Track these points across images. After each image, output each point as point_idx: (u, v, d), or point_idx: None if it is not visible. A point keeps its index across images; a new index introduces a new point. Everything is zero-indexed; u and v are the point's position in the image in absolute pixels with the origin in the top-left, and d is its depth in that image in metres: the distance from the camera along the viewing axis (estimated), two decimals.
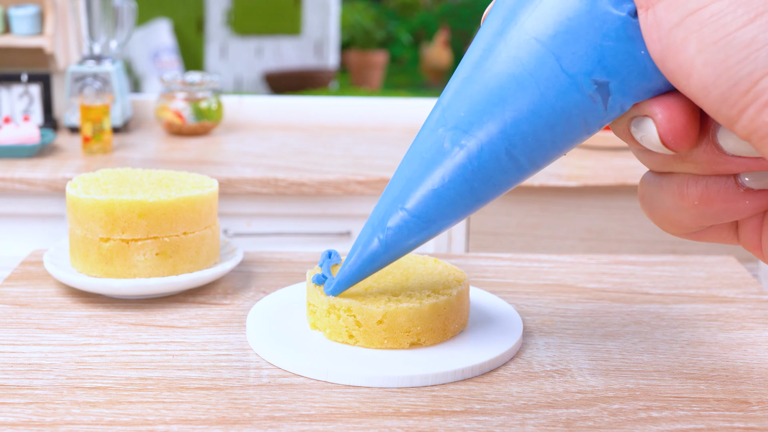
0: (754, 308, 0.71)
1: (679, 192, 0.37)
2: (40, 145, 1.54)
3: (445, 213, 0.44)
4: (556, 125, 0.38)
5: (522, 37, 0.37)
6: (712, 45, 0.31)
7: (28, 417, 0.52)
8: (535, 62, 0.37)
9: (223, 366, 0.59)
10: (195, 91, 1.76)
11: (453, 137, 0.41)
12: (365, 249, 0.51)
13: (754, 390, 0.57)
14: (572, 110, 0.37)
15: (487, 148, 0.40)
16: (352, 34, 5.37)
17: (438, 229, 0.46)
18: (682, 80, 0.33)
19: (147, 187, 0.71)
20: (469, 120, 0.40)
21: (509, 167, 0.40)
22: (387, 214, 0.47)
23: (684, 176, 0.37)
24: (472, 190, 0.42)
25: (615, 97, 0.36)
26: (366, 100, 1.93)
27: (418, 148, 0.44)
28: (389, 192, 0.47)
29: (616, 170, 1.52)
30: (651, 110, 0.35)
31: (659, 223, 0.39)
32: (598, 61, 0.35)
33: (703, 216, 0.37)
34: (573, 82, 0.36)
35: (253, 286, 0.74)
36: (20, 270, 0.76)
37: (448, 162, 0.42)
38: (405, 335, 0.59)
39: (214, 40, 4.79)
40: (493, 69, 0.38)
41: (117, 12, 1.81)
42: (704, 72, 0.32)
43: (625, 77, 0.35)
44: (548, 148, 0.39)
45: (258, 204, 1.49)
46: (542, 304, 0.71)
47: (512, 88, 0.38)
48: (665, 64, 0.33)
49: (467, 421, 0.52)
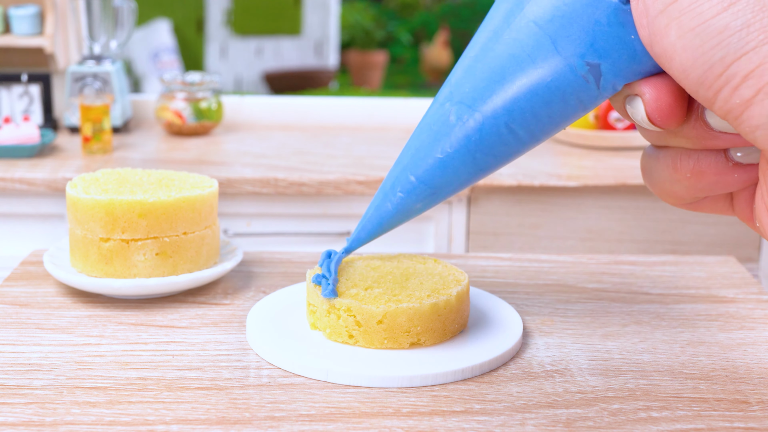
0: (754, 308, 0.71)
1: (673, 165, 0.40)
2: (40, 145, 1.54)
3: (450, 181, 0.48)
4: (551, 102, 0.41)
5: (523, 20, 0.41)
6: (689, 31, 0.34)
7: (28, 417, 0.52)
8: (533, 44, 0.40)
9: (223, 366, 0.59)
10: (195, 91, 1.76)
11: (458, 111, 0.44)
12: (377, 212, 0.54)
13: (754, 390, 0.57)
14: (566, 89, 0.40)
15: (489, 122, 0.43)
16: (352, 34, 5.37)
17: (444, 195, 0.49)
18: (666, 63, 0.36)
19: (147, 187, 0.71)
20: (473, 96, 0.43)
21: (509, 139, 0.44)
22: (397, 181, 0.51)
23: (678, 150, 0.40)
24: (474, 160, 0.45)
25: (606, 77, 0.39)
26: (366, 100, 1.93)
27: (427, 121, 0.47)
28: (400, 161, 0.50)
29: (616, 170, 1.52)
30: (640, 90, 0.38)
31: (657, 193, 0.42)
32: (590, 44, 0.39)
33: (695, 188, 0.40)
34: (567, 63, 0.40)
35: (253, 286, 0.74)
36: (20, 270, 0.76)
37: (453, 133, 0.45)
38: (405, 335, 0.59)
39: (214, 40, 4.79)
40: (496, 49, 0.42)
41: (117, 12, 1.81)
42: (684, 56, 0.35)
43: (616, 59, 0.39)
44: (545, 123, 0.42)
45: (258, 204, 1.49)
46: (542, 304, 0.71)
47: (512, 67, 0.41)
48: (653, 47, 0.36)
49: (467, 421, 0.52)
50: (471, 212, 1.50)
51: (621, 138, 1.66)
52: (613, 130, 1.69)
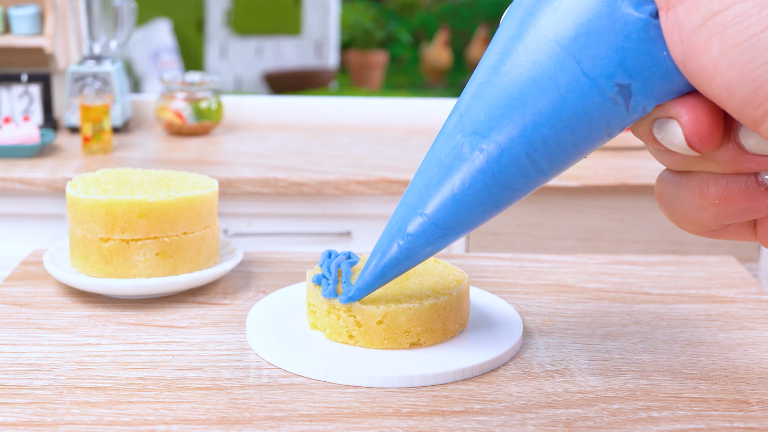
0: (754, 308, 0.71)
1: (699, 191, 0.37)
2: (40, 145, 1.54)
3: (464, 219, 0.44)
4: (577, 128, 0.38)
5: (541, 40, 0.37)
6: (735, 47, 0.31)
7: (28, 417, 0.52)
8: (555, 65, 0.37)
9: (223, 366, 0.59)
10: (195, 91, 1.76)
11: (472, 142, 0.41)
12: (384, 255, 0.51)
13: (754, 390, 0.57)
14: (593, 113, 0.37)
15: (508, 153, 0.40)
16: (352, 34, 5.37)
17: (457, 235, 0.46)
18: (705, 82, 0.33)
19: (147, 187, 0.71)
20: (488, 125, 0.40)
21: (530, 170, 0.40)
22: (406, 220, 0.47)
23: (704, 175, 0.37)
24: (491, 196, 0.42)
25: (637, 98, 0.36)
26: (366, 100, 1.93)
27: (436, 155, 0.43)
28: (407, 199, 0.47)
29: (616, 170, 1.52)
30: (676, 112, 0.35)
31: (678, 222, 0.39)
32: (619, 63, 0.35)
33: (723, 215, 0.37)
34: (594, 85, 0.36)
35: (253, 286, 0.74)
36: (20, 270, 0.76)
37: (467, 167, 0.42)
38: (405, 335, 0.59)
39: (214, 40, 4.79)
40: (511, 73, 0.38)
41: (117, 12, 1.80)
42: (728, 74, 0.32)
43: (647, 79, 0.35)
44: (569, 151, 0.39)
45: (258, 204, 1.49)
46: (542, 304, 0.71)
47: (532, 91, 0.38)
48: (687, 65, 0.33)
49: (467, 421, 0.52)
50: None
51: (621, 138, 1.66)
52: None
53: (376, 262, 0.52)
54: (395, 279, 0.63)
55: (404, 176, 1.44)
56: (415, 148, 1.68)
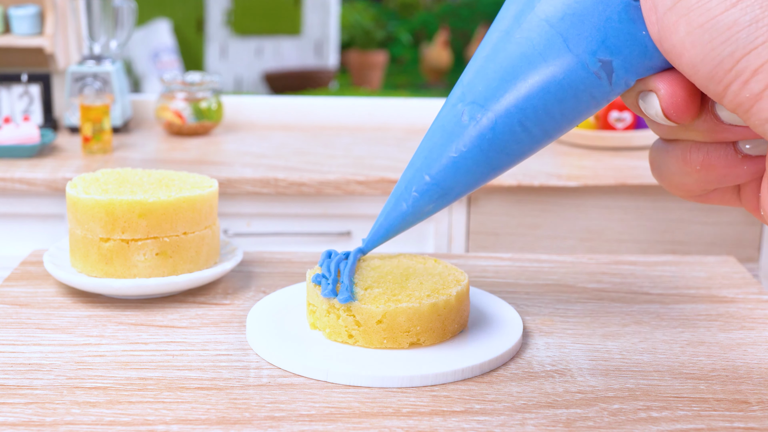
0: (754, 308, 0.71)
1: (683, 158, 0.41)
2: (40, 145, 1.54)
3: (463, 180, 0.49)
4: (564, 99, 0.42)
5: (534, 19, 0.41)
6: (698, 27, 0.35)
7: (28, 417, 0.52)
8: (545, 43, 0.41)
9: (223, 366, 0.59)
10: (195, 91, 1.75)
11: (471, 111, 0.45)
12: (392, 213, 0.55)
13: (754, 390, 0.57)
14: (579, 86, 0.41)
15: (502, 121, 0.44)
16: (352, 34, 5.36)
17: (457, 195, 0.50)
18: (676, 59, 0.36)
19: (147, 187, 0.71)
20: (486, 95, 0.44)
21: (523, 137, 0.44)
22: (411, 181, 0.51)
23: (688, 143, 0.41)
24: (488, 159, 0.46)
25: (618, 73, 0.40)
26: (366, 100, 1.93)
27: (440, 122, 0.48)
28: (413, 164, 0.51)
29: (616, 170, 1.52)
30: (655, 85, 0.39)
31: (667, 186, 0.43)
32: (602, 41, 0.39)
33: (705, 180, 0.41)
34: (579, 61, 0.40)
35: (253, 286, 0.74)
36: (20, 270, 0.76)
37: (466, 133, 0.46)
38: (404, 335, 0.60)
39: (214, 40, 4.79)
40: (508, 49, 0.43)
41: (117, 12, 1.80)
42: (693, 52, 0.35)
43: (627, 56, 0.39)
44: (559, 120, 0.43)
45: (258, 204, 1.49)
46: (542, 304, 0.71)
47: (524, 66, 0.42)
48: (662, 44, 0.37)
49: (467, 421, 0.52)
50: (471, 212, 1.50)
51: (621, 138, 1.66)
52: (613, 130, 1.69)
53: (383, 218, 0.56)
54: (395, 278, 0.63)
55: None
56: (415, 148, 1.68)
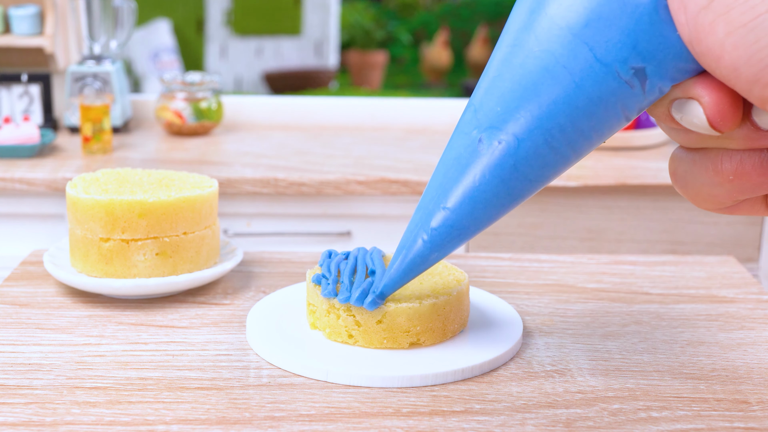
0: (754, 308, 0.71)
1: (714, 167, 0.38)
2: (40, 145, 1.54)
3: (483, 213, 0.44)
4: (594, 113, 0.38)
5: (552, 28, 0.37)
6: (741, 27, 0.32)
7: (28, 417, 0.52)
8: (568, 53, 0.37)
9: (223, 366, 0.59)
10: (195, 91, 1.75)
11: (489, 136, 0.41)
12: (410, 251, 0.51)
13: (754, 390, 0.57)
14: (609, 98, 0.37)
15: (525, 144, 0.40)
16: (352, 34, 5.36)
17: (478, 229, 0.46)
18: (712, 63, 0.33)
19: (147, 187, 0.71)
20: (504, 117, 0.40)
21: (551, 158, 0.40)
22: (429, 214, 0.47)
23: (718, 152, 0.37)
24: (509, 189, 0.42)
25: (653, 80, 0.36)
26: (366, 100, 1.93)
27: (452, 154, 0.44)
28: (426, 197, 0.47)
29: (616, 170, 1.52)
30: (696, 92, 0.36)
31: (692, 198, 0.40)
32: (632, 47, 0.35)
33: (737, 190, 0.38)
34: (608, 71, 0.36)
35: (253, 286, 0.74)
36: (20, 270, 0.76)
37: (484, 161, 0.42)
38: (404, 335, 0.59)
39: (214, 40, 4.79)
40: (525, 64, 0.38)
41: (117, 12, 1.80)
42: (734, 54, 0.32)
43: (662, 60, 0.35)
44: (588, 136, 0.39)
45: (258, 204, 1.49)
46: (542, 304, 0.71)
47: (546, 81, 0.38)
48: (694, 46, 0.34)
49: (467, 421, 0.52)
50: None
51: (621, 138, 1.67)
52: None
53: (401, 258, 0.52)
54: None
55: (404, 176, 1.44)
56: (415, 148, 1.68)
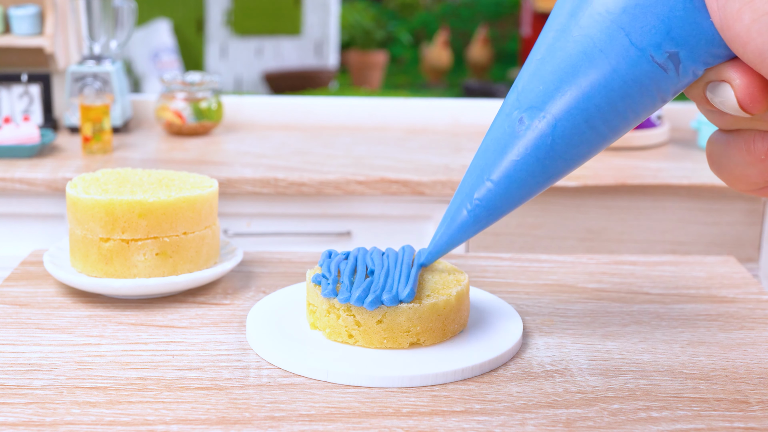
0: (754, 308, 0.71)
1: (747, 147, 0.39)
2: (40, 145, 1.54)
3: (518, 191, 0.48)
4: (629, 95, 0.40)
5: (592, 15, 0.40)
6: (765, 15, 0.34)
7: (28, 417, 0.52)
8: (605, 38, 0.39)
9: (223, 366, 0.59)
10: (195, 91, 1.75)
11: (529, 116, 0.44)
12: (454, 221, 0.54)
13: (754, 390, 0.57)
14: (644, 80, 0.39)
15: (562, 123, 0.43)
16: (352, 34, 5.36)
17: (513, 206, 0.50)
18: (740, 48, 0.35)
19: (147, 187, 0.71)
20: (544, 99, 0.43)
21: (588, 136, 0.43)
22: (473, 187, 0.50)
23: (751, 133, 0.39)
24: (544, 168, 0.45)
25: (686, 64, 0.38)
26: (366, 100, 1.93)
27: (494, 134, 0.47)
28: (469, 174, 0.50)
29: (616, 170, 1.52)
30: (728, 76, 0.37)
31: (726, 179, 0.42)
32: (666, 33, 0.38)
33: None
34: (643, 54, 0.39)
35: (253, 286, 0.74)
36: (20, 270, 0.76)
37: (523, 140, 0.45)
38: (404, 335, 0.59)
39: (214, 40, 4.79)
40: (565, 48, 0.41)
41: (117, 12, 1.80)
42: (759, 41, 0.34)
43: (694, 45, 0.38)
44: (625, 116, 0.41)
45: (258, 204, 1.49)
46: (542, 304, 0.71)
47: (584, 64, 0.40)
48: (724, 32, 0.36)
49: (467, 421, 0.52)
50: None
51: (621, 138, 1.66)
52: None
53: (445, 228, 0.55)
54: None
55: (404, 176, 1.44)
56: (415, 148, 1.68)
